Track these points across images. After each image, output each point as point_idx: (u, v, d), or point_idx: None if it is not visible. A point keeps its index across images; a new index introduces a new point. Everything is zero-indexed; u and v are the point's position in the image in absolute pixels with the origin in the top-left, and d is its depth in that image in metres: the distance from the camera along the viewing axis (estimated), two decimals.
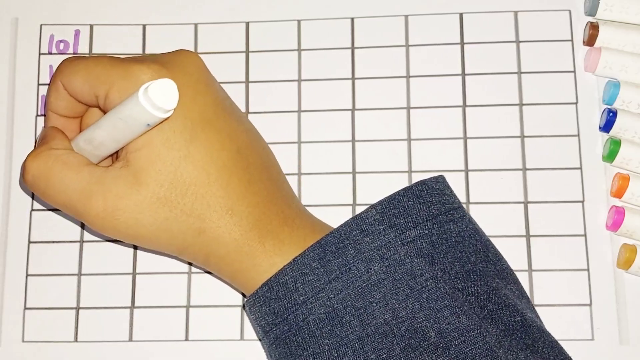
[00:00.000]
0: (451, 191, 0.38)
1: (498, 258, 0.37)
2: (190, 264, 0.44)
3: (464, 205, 0.43)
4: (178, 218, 0.36)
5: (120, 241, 0.44)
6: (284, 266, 0.36)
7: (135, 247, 0.44)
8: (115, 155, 0.39)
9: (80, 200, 0.36)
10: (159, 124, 0.35)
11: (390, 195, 0.37)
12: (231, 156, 0.37)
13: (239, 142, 0.38)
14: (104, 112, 0.37)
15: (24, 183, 0.37)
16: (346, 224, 0.36)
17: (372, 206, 0.36)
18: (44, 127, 0.40)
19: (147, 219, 0.36)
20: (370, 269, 0.35)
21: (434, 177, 0.38)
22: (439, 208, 0.37)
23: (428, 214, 0.36)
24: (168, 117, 0.34)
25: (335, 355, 0.34)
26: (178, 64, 0.37)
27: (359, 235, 0.36)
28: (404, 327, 0.34)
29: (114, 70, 0.36)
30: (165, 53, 0.38)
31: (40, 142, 0.38)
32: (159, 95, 0.32)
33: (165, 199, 0.36)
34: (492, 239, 0.41)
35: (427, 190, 0.37)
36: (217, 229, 0.36)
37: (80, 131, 0.40)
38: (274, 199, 0.38)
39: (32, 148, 0.45)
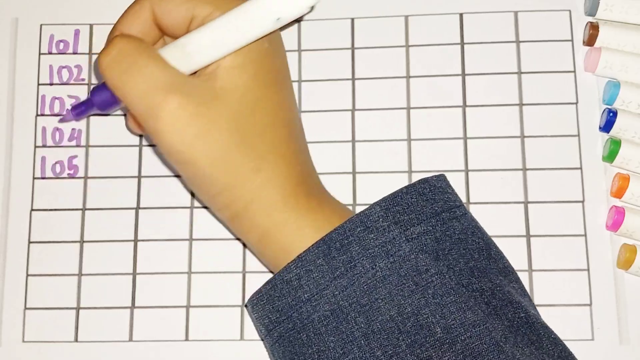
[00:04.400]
0: (452, 190, 0.38)
1: (500, 256, 0.37)
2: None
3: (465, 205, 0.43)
4: (242, 149, 0.35)
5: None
6: (288, 264, 0.36)
7: (136, 249, 0.44)
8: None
9: (161, 91, 0.34)
10: (268, 53, 0.35)
11: (393, 193, 0.37)
12: (296, 115, 0.38)
13: (297, 110, 0.39)
14: None
15: (102, 59, 0.35)
16: (350, 220, 0.36)
17: (376, 203, 0.36)
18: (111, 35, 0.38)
19: (217, 135, 0.35)
20: (375, 265, 0.35)
21: (435, 176, 0.38)
22: (442, 205, 0.37)
23: (431, 210, 0.36)
24: (299, 18, 0.34)
25: (341, 352, 0.34)
26: None
27: (363, 231, 0.35)
28: (409, 323, 0.34)
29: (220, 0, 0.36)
30: None
31: (117, 33, 0.37)
32: None
33: (238, 126, 0.35)
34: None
35: (429, 188, 0.37)
36: (271, 172, 0.36)
37: None
38: (313, 168, 0.39)
39: (32, 148, 0.45)
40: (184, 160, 0.36)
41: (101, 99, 0.37)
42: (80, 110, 0.38)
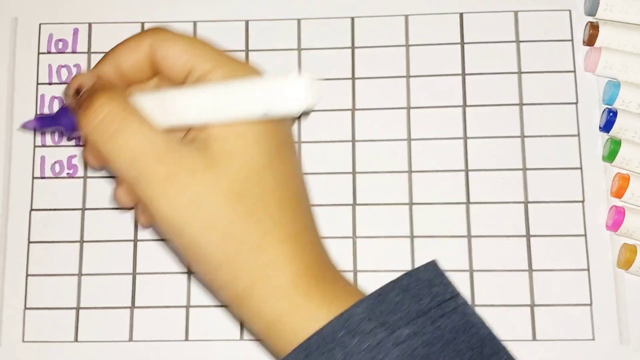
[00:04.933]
0: (442, 279, 0.34)
1: (495, 351, 0.34)
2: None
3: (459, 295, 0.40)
4: (243, 222, 0.32)
5: (118, 242, 0.44)
6: None
7: (136, 249, 0.44)
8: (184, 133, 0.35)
9: (151, 159, 0.32)
10: (270, 120, 0.32)
11: (376, 291, 0.33)
12: (303, 186, 0.35)
13: (304, 179, 0.35)
14: None
15: (85, 125, 0.32)
16: (330, 324, 0.32)
17: (357, 303, 0.32)
18: (89, 72, 0.35)
19: (212, 205, 0.32)
20: None
21: (423, 266, 0.34)
22: (429, 302, 0.33)
23: (418, 309, 0.33)
24: (284, 122, 0.31)
25: None
26: None
27: (346, 336, 0.32)
28: None
29: (223, 57, 0.33)
30: None
31: (104, 84, 0.33)
32: (308, 87, 0.29)
33: (239, 196, 0.32)
34: (492, 239, 0.42)
35: (414, 283, 0.34)
36: (277, 252, 0.32)
37: None
38: (323, 246, 0.35)
39: (32, 148, 0.45)
40: (176, 230, 0.32)
41: (69, 122, 0.34)
42: (44, 123, 0.35)
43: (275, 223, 0.33)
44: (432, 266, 0.34)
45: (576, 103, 0.44)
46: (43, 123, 0.35)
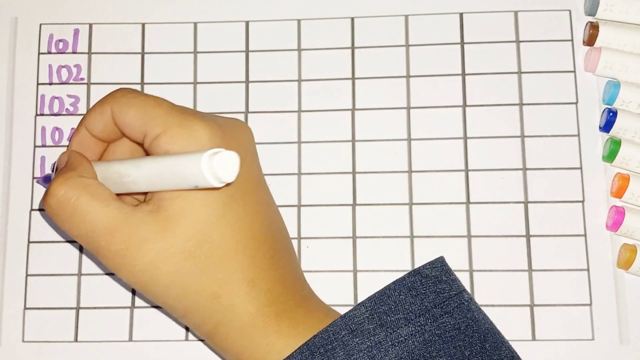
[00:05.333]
0: (449, 275, 0.36)
1: (496, 347, 0.35)
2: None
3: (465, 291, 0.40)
4: (197, 276, 0.34)
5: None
6: None
7: None
8: (144, 196, 0.38)
9: (103, 235, 0.34)
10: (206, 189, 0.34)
11: (381, 290, 0.35)
12: (262, 229, 0.36)
13: (270, 217, 0.37)
14: (147, 151, 0.36)
15: (46, 207, 0.35)
16: (334, 323, 0.34)
17: (362, 303, 0.35)
18: (70, 141, 0.39)
19: (167, 268, 0.34)
20: None
21: (430, 263, 0.36)
22: (433, 299, 0.35)
23: (421, 307, 0.35)
24: (219, 188, 0.33)
25: None
26: (233, 130, 0.36)
27: (348, 335, 0.34)
28: None
29: (173, 117, 0.35)
30: (220, 117, 0.38)
31: (67, 167, 0.37)
32: (222, 166, 0.31)
33: (190, 254, 0.34)
34: (492, 239, 0.42)
35: (420, 281, 0.36)
36: (234, 298, 0.35)
37: (103, 156, 0.39)
38: (291, 278, 0.37)
39: (32, 148, 0.45)
40: (139, 289, 0.36)
41: None
42: (47, 184, 0.42)
43: (230, 272, 0.35)
44: (438, 263, 0.36)
45: (576, 103, 0.44)
46: (46, 184, 0.43)
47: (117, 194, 0.36)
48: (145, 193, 0.37)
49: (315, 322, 0.36)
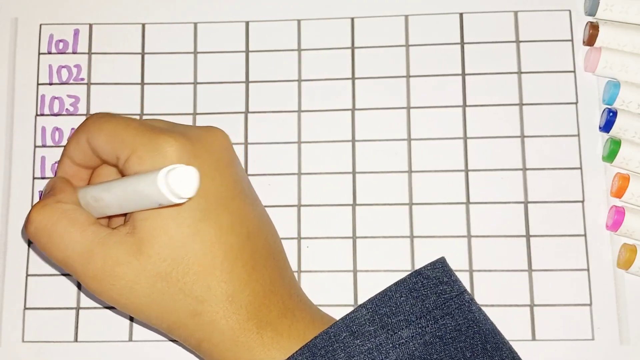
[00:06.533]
0: (450, 276, 0.36)
1: (497, 348, 0.35)
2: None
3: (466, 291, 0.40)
4: (175, 295, 0.35)
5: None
6: None
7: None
8: (125, 217, 0.38)
9: (79, 260, 0.35)
10: (171, 206, 0.34)
11: (382, 291, 0.35)
12: (240, 241, 0.36)
13: (249, 226, 0.36)
14: (122, 173, 0.36)
15: (26, 233, 0.36)
16: (335, 325, 0.35)
17: (363, 305, 0.35)
18: (56, 171, 0.39)
19: (143, 290, 0.35)
20: None
21: (431, 264, 0.36)
22: (434, 301, 0.35)
23: (422, 309, 0.35)
24: (181, 203, 0.33)
25: None
26: (204, 140, 0.36)
27: (349, 337, 0.34)
28: None
29: (140, 137, 0.35)
30: (195, 127, 0.38)
31: (48, 193, 0.37)
32: (179, 182, 0.31)
33: (166, 274, 0.34)
34: (492, 239, 0.41)
35: (422, 282, 0.36)
36: (214, 314, 0.35)
37: (90, 181, 0.40)
38: (275, 288, 0.37)
39: (32, 148, 0.45)
40: (120, 308, 0.36)
41: None
42: None
43: (208, 288, 0.35)
44: (440, 263, 0.36)
45: (576, 103, 0.44)
46: None
47: (101, 218, 0.37)
48: (126, 214, 0.37)
49: (300, 333, 0.36)
